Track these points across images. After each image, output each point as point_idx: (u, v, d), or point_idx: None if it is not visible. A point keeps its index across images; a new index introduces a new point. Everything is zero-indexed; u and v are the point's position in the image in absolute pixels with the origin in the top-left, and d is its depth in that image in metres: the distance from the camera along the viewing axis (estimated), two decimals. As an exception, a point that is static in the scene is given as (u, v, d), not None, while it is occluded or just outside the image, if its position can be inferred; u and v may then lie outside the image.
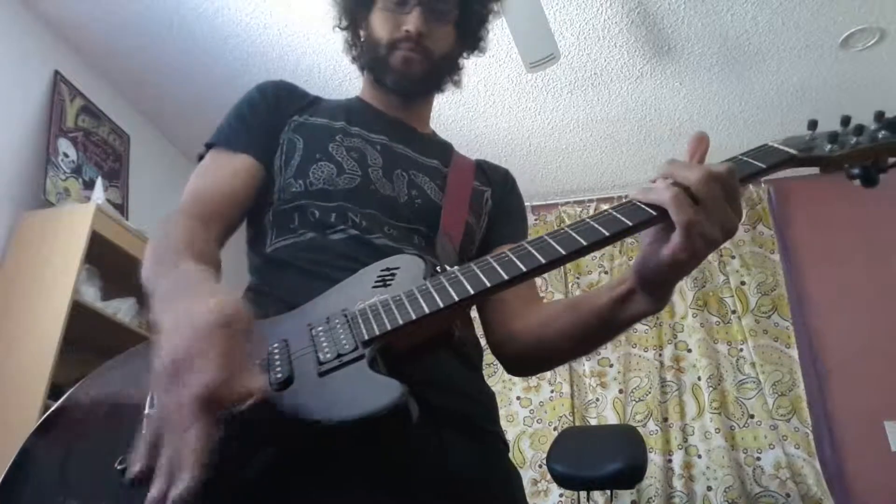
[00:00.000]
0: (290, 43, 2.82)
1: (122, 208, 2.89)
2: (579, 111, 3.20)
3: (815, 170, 0.78)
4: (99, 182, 2.68)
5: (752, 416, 3.12)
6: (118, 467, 0.57)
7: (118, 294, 2.56)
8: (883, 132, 0.72)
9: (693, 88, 3.05)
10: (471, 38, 1.12)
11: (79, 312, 2.26)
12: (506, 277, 0.67)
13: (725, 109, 3.17)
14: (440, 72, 1.07)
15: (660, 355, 3.34)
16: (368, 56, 1.06)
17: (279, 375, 0.63)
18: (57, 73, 2.75)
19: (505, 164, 1.18)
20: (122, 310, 2.53)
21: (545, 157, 3.54)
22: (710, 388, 3.16)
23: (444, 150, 1.10)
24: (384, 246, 0.88)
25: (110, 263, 2.47)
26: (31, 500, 0.60)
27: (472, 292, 0.67)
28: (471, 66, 1.16)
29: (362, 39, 1.10)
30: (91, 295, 2.41)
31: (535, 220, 3.80)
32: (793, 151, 0.73)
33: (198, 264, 0.73)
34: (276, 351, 0.67)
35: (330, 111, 1.05)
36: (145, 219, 2.87)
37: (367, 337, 0.66)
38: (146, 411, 0.63)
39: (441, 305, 0.66)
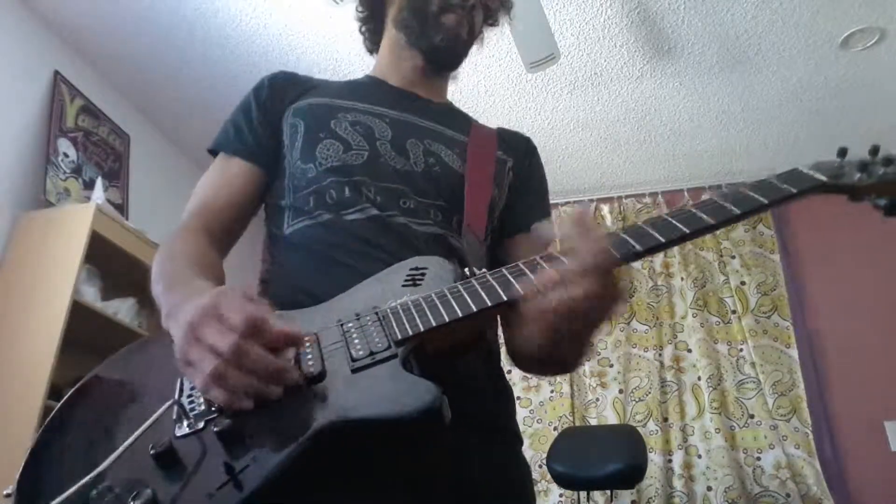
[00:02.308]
0: (290, 43, 2.82)
1: (122, 208, 2.89)
2: (579, 111, 3.20)
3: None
4: (99, 182, 2.68)
5: (752, 416, 3.12)
6: (151, 452, 0.58)
7: (118, 294, 2.56)
8: None
9: (693, 88, 3.04)
10: (481, 33, 1.12)
11: (79, 312, 2.26)
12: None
13: (725, 109, 3.17)
14: (468, 49, 1.06)
15: (660, 355, 3.34)
16: (410, 12, 1.03)
17: (312, 369, 0.64)
18: (57, 73, 2.75)
19: (504, 164, 1.17)
20: (122, 310, 2.53)
21: (545, 157, 3.43)
22: (710, 388, 3.16)
23: (462, 119, 1.07)
24: (401, 226, 0.87)
25: (110, 263, 2.48)
26: (59, 479, 0.60)
27: (504, 298, 0.67)
28: (471, 66, 1.16)
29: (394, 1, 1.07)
30: (91, 295, 2.41)
31: (535, 220, 3.79)
32: (823, 178, 0.73)
33: (204, 279, 0.76)
34: (307, 346, 0.67)
35: (332, 90, 1.03)
36: (145, 219, 2.87)
37: (400, 337, 0.66)
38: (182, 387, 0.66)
39: (474, 309, 0.66)
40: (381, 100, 1.00)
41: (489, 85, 3.02)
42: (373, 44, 1.15)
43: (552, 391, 3.38)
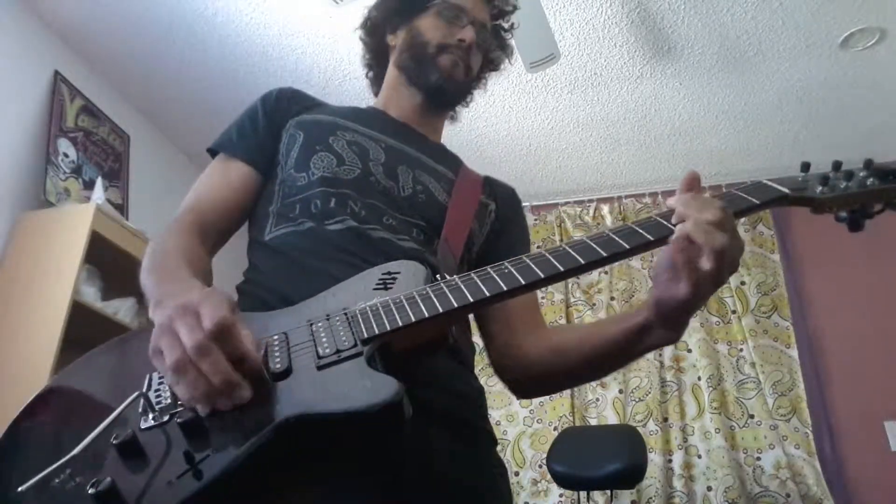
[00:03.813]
0: (290, 43, 2.82)
1: (122, 208, 2.89)
2: (579, 111, 3.20)
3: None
4: (99, 182, 2.68)
5: (752, 416, 3.12)
6: (114, 442, 0.59)
7: (118, 294, 2.55)
8: (871, 179, 0.75)
9: (693, 88, 3.04)
10: (481, 77, 1.19)
11: (79, 312, 2.26)
12: (504, 288, 0.70)
13: (725, 109, 3.17)
14: (468, 90, 1.13)
15: (660, 355, 3.34)
16: (410, 54, 1.09)
17: (278, 366, 0.65)
18: (57, 73, 2.75)
19: (505, 164, 1.19)
20: (122, 310, 2.53)
21: (545, 157, 3.54)
22: (710, 388, 3.16)
23: (452, 160, 1.11)
24: (380, 239, 0.89)
25: (110, 263, 2.47)
26: (24, 470, 0.60)
27: (471, 300, 0.69)
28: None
29: (395, 44, 1.13)
30: (91, 295, 2.41)
31: (535, 220, 3.79)
32: (785, 190, 0.76)
33: (195, 276, 0.78)
34: (275, 343, 0.69)
35: (335, 111, 1.07)
36: (145, 219, 2.87)
37: (366, 335, 0.67)
38: (153, 381, 0.67)
39: (440, 310, 0.68)
40: (379, 127, 1.05)
41: (489, 85, 3.01)
42: (377, 87, 1.20)
43: (552, 391, 3.38)
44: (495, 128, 3.30)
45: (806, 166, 0.79)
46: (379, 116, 1.10)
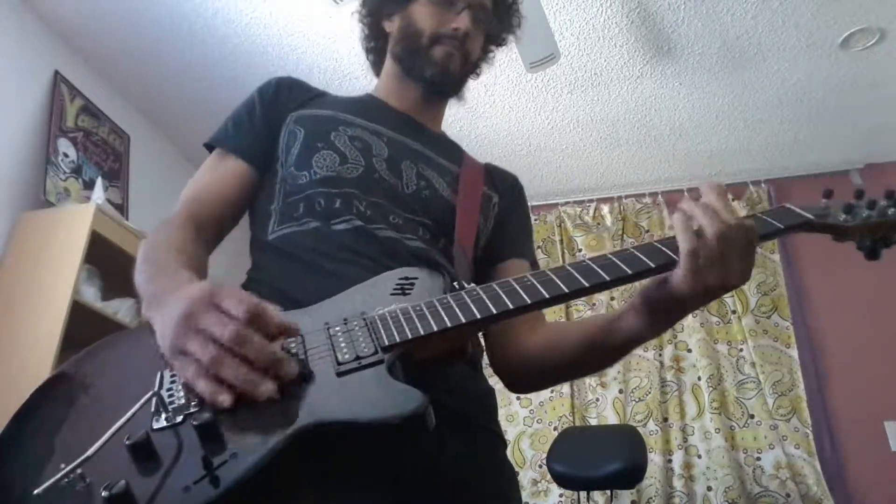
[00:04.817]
0: (290, 43, 2.82)
1: (122, 208, 2.89)
2: (579, 111, 3.20)
3: (814, 170, 0.80)
4: (99, 182, 2.68)
5: (752, 416, 3.12)
6: (127, 443, 0.57)
7: (118, 294, 2.55)
8: (892, 209, 0.75)
9: (693, 88, 3.04)
10: (487, 55, 1.15)
11: (79, 312, 2.26)
12: (528, 302, 0.69)
13: (725, 109, 3.17)
14: (467, 77, 1.09)
15: (660, 355, 3.34)
16: (403, 45, 1.06)
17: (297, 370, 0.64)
18: (57, 73, 2.75)
19: (505, 164, 1.18)
20: (122, 310, 2.53)
21: (545, 157, 3.54)
22: (710, 388, 3.16)
23: (454, 150, 1.09)
24: (387, 239, 0.88)
25: (110, 263, 2.47)
26: (29, 467, 0.59)
27: (494, 311, 0.68)
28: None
29: (391, 31, 1.09)
30: (91, 295, 2.41)
31: (535, 220, 3.79)
32: (809, 216, 0.76)
33: (188, 270, 0.75)
34: (292, 346, 0.67)
35: (336, 104, 1.05)
36: (145, 219, 2.87)
37: (387, 343, 0.66)
38: (164, 377, 0.65)
39: (463, 321, 0.67)
40: (381, 119, 1.02)
41: (489, 84, 3.02)
42: (378, 70, 1.17)
43: (552, 391, 3.38)
44: (495, 128, 3.30)
45: (829, 193, 0.79)
46: (379, 107, 1.07)
